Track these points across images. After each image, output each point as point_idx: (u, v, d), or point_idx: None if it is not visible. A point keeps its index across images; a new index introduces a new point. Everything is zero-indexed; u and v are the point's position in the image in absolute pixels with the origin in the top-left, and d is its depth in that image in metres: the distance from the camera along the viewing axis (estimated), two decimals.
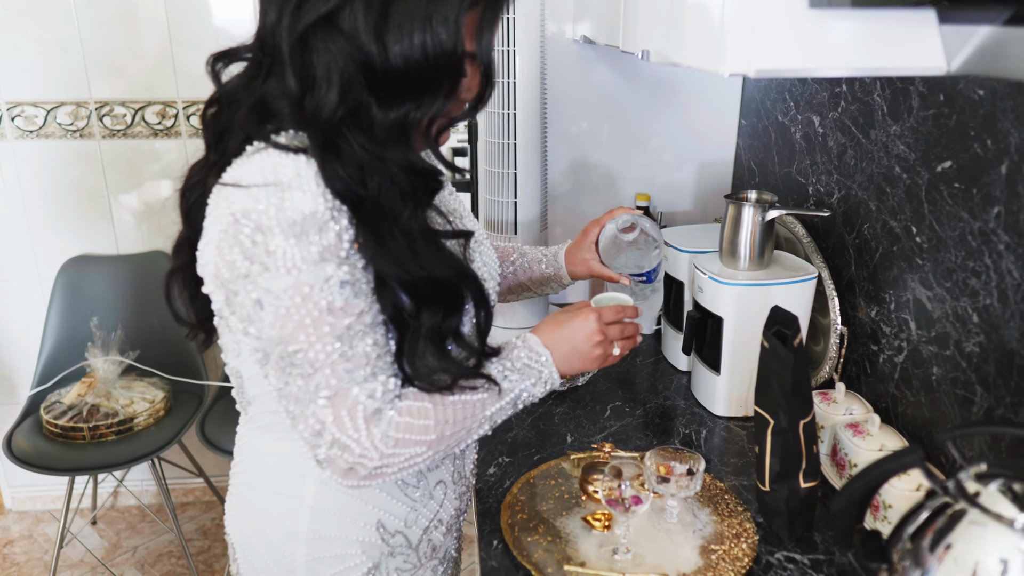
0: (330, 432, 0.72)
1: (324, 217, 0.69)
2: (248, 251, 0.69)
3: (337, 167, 0.70)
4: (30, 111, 2.12)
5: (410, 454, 0.75)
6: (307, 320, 0.70)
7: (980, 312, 0.95)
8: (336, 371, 0.71)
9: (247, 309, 0.72)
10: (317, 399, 0.71)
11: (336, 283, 0.70)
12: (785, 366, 0.92)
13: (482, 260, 0.92)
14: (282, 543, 0.85)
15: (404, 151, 0.73)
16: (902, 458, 0.73)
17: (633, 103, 1.78)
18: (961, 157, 0.98)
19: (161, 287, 0.89)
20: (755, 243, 1.24)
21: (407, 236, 0.73)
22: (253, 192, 0.69)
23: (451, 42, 0.70)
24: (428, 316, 0.75)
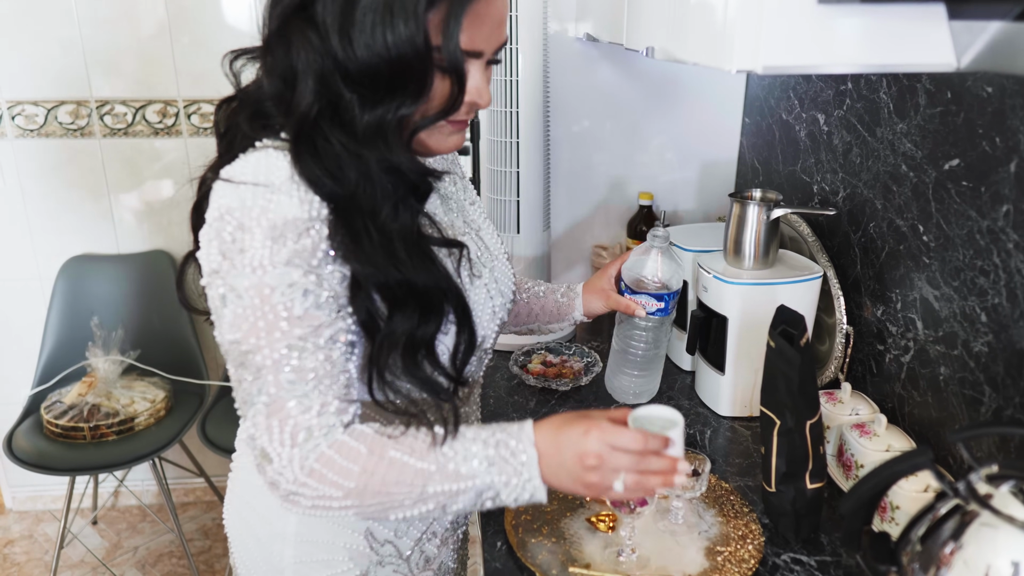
0: (260, 439, 0.70)
1: (305, 225, 0.69)
2: (226, 246, 0.69)
3: (311, 162, 0.69)
4: (31, 110, 2.12)
5: (322, 492, 0.71)
6: (261, 323, 0.69)
7: (989, 311, 0.94)
8: (278, 379, 0.69)
9: (215, 303, 0.72)
10: (256, 403, 0.70)
11: (299, 290, 0.69)
12: (792, 366, 0.91)
13: (492, 276, 0.90)
14: (270, 543, 0.85)
15: (383, 151, 0.71)
16: (912, 459, 0.72)
17: (636, 101, 1.77)
18: (969, 155, 0.97)
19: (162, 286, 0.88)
20: (760, 242, 1.23)
21: (384, 236, 0.72)
22: (241, 191, 0.69)
23: (411, 35, 0.67)
24: (400, 321, 0.73)
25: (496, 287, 0.91)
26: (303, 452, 0.70)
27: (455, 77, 0.71)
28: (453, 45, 0.69)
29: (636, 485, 0.73)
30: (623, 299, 1.14)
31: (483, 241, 0.93)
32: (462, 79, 0.71)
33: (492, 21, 0.72)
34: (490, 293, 0.89)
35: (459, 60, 0.70)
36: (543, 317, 1.18)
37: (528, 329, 1.20)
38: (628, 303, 1.13)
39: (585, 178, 1.83)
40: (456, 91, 0.72)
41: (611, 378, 1.27)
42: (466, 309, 0.78)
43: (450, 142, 0.78)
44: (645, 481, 0.73)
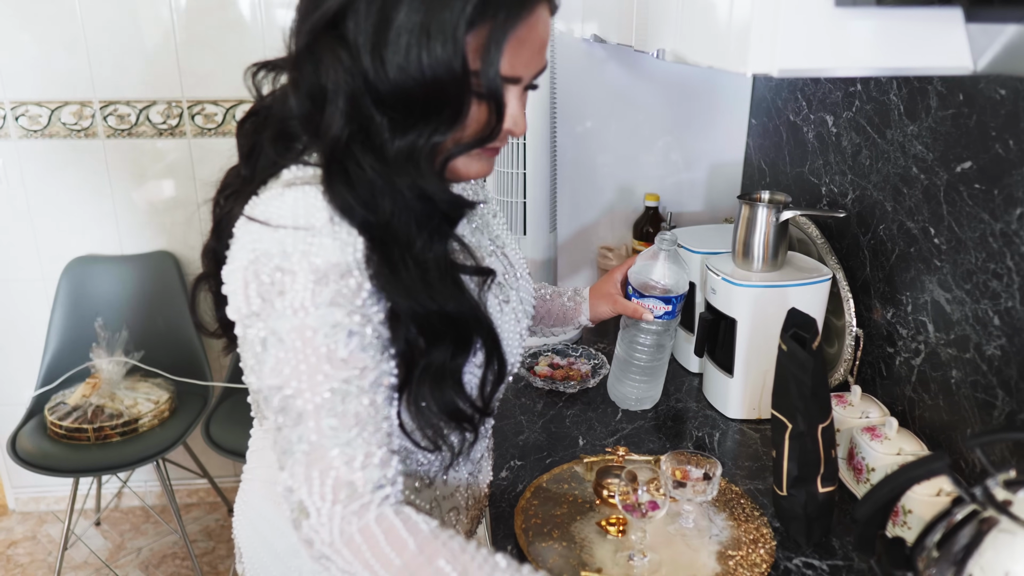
0: (299, 492, 0.66)
1: (350, 267, 0.66)
2: (264, 289, 0.66)
3: (343, 190, 0.66)
4: (34, 111, 2.11)
5: (353, 571, 0.65)
6: (303, 366, 0.65)
7: (1002, 315, 0.94)
8: (319, 426, 0.65)
9: (255, 347, 0.68)
10: (295, 452, 0.66)
11: (343, 331, 0.66)
12: (804, 370, 0.91)
13: (518, 297, 0.88)
14: (290, 558, 0.84)
15: (415, 177, 0.68)
16: (928, 465, 0.71)
17: (641, 102, 1.76)
18: (981, 157, 0.97)
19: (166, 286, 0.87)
20: (769, 244, 1.23)
21: (420, 266, 0.69)
22: (280, 235, 0.66)
23: (448, 58, 0.63)
24: (438, 353, 0.71)
25: (522, 308, 0.90)
26: (345, 513, 0.65)
27: (493, 104, 0.67)
28: (493, 72, 0.65)
29: None
30: (630, 303, 1.14)
31: (508, 259, 0.91)
32: (500, 107, 0.68)
33: (533, 47, 0.69)
34: (517, 316, 0.88)
35: (498, 87, 0.66)
36: (548, 321, 1.17)
37: (533, 332, 1.19)
38: (635, 307, 1.13)
39: (591, 179, 1.82)
40: (494, 119, 0.68)
41: (614, 385, 1.27)
42: (496, 340, 0.76)
43: (480, 168, 0.75)
44: None
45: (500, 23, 0.65)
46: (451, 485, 0.88)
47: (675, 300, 1.13)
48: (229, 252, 0.74)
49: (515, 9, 0.65)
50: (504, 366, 0.78)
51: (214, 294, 0.85)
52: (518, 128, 0.73)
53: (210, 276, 0.83)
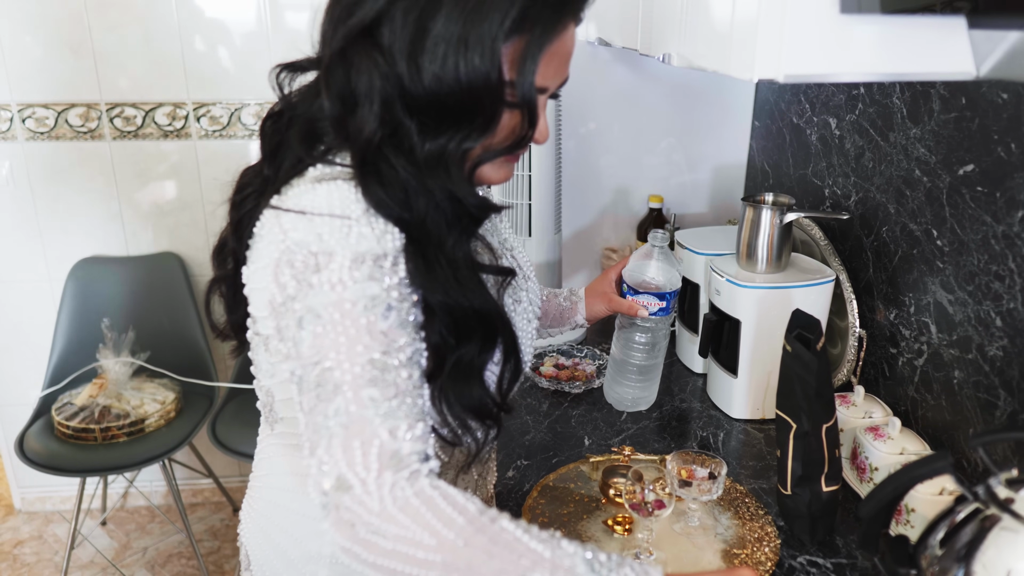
0: (337, 467, 0.63)
1: (387, 252, 0.67)
2: (299, 272, 0.67)
3: (378, 189, 0.68)
4: (41, 112, 2.12)
5: (411, 535, 0.61)
6: (342, 338, 0.65)
7: (1004, 316, 0.95)
8: (359, 396, 0.64)
9: (291, 331, 0.68)
10: (329, 426, 0.64)
11: (382, 305, 0.66)
12: (808, 370, 0.92)
13: (528, 298, 0.90)
14: (303, 564, 0.84)
15: (445, 180, 0.69)
16: (932, 464, 0.72)
17: (645, 104, 1.78)
18: (984, 160, 0.98)
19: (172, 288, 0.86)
20: (773, 246, 1.24)
21: (452, 264, 0.71)
22: (316, 222, 0.66)
23: (486, 69, 0.65)
24: (468, 348, 0.72)
25: (532, 308, 0.91)
26: (395, 479, 0.62)
27: (527, 113, 0.69)
28: (528, 83, 0.67)
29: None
30: (625, 301, 1.15)
31: (516, 261, 0.93)
32: (534, 116, 0.70)
33: (562, 59, 0.71)
34: (528, 316, 0.90)
35: (534, 97, 0.68)
36: (545, 321, 1.18)
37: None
38: (630, 304, 1.14)
39: (595, 181, 1.84)
40: (526, 127, 0.70)
41: (610, 387, 1.27)
42: (514, 338, 0.77)
43: (502, 174, 0.77)
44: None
45: (536, 37, 0.67)
46: (460, 487, 0.89)
47: (668, 296, 1.14)
48: (251, 252, 0.74)
49: (551, 24, 0.67)
50: (520, 363, 0.79)
51: (226, 297, 0.85)
52: (542, 136, 0.74)
53: (224, 279, 0.84)
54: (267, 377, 0.81)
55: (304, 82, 0.78)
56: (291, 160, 0.74)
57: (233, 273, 0.81)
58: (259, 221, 0.73)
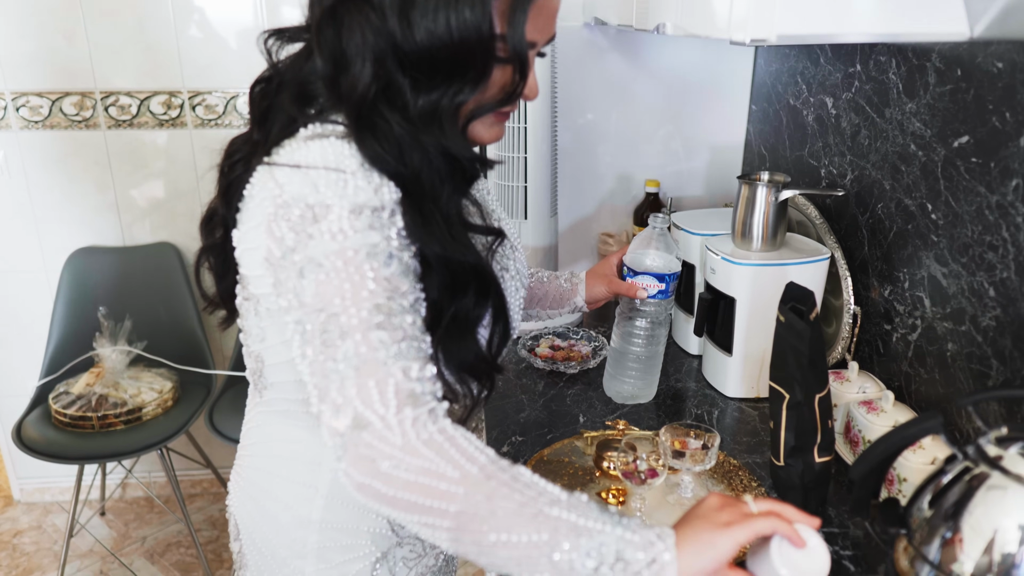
0: (352, 406, 0.63)
1: (384, 204, 0.68)
2: (296, 224, 0.67)
3: (374, 144, 0.68)
4: (35, 101, 2.12)
5: (435, 467, 0.62)
6: (347, 285, 0.65)
7: (997, 286, 0.95)
8: (368, 338, 0.64)
9: (292, 282, 0.68)
10: (339, 370, 0.64)
11: (383, 253, 0.66)
12: (802, 339, 0.92)
13: (515, 268, 0.91)
14: (294, 529, 0.84)
15: (438, 136, 0.70)
16: (923, 423, 0.72)
17: (642, 92, 1.78)
18: (979, 131, 0.98)
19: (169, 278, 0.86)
20: (768, 224, 1.24)
21: (447, 219, 0.72)
22: (312, 176, 0.67)
23: (477, 22, 0.66)
24: (463, 303, 0.73)
25: (519, 279, 0.92)
26: (416, 415, 0.63)
27: (519, 66, 0.70)
28: (519, 35, 0.68)
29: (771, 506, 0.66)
30: (624, 283, 1.15)
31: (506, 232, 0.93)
32: (525, 69, 0.71)
33: (549, 13, 0.73)
34: (515, 286, 0.90)
35: (524, 50, 0.69)
36: (545, 303, 1.18)
37: (529, 315, 1.20)
38: (630, 285, 1.14)
39: (591, 169, 1.83)
40: (518, 80, 0.71)
41: (609, 380, 1.27)
42: (503, 298, 0.78)
43: (493, 132, 0.78)
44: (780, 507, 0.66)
45: None
46: None
47: (668, 278, 1.14)
48: (242, 215, 0.74)
49: None
50: (509, 326, 0.80)
51: (215, 267, 0.85)
52: (532, 92, 0.76)
53: (212, 248, 0.84)
54: (256, 342, 0.81)
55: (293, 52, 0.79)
56: (282, 122, 0.74)
57: (222, 241, 0.81)
58: (249, 183, 0.73)
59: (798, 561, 0.64)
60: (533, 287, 1.18)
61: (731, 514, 0.64)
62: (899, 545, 0.75)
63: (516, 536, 0.61)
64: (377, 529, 0.84)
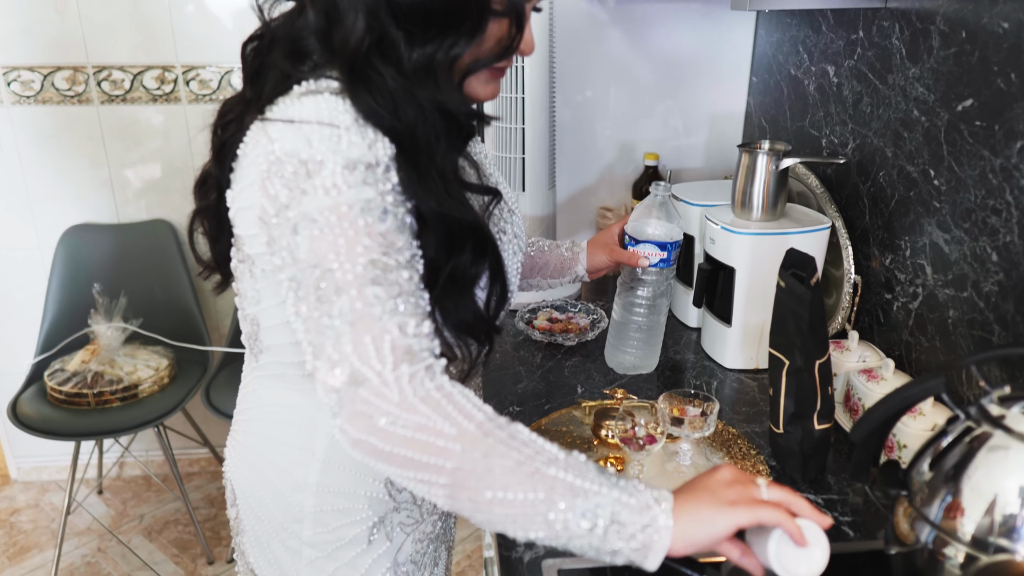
0: (348, 362, 0.62)
1: (379, 159, 0.67)
2: (289, 180, 0.66)
3: (368, 98, 0.67)
4: (27, 76, 2.09)
5: (432, 424, 0.61)
6: (341, 240, 0.64)
7: (1000, 250, 0.94)
8: (363, 294, 0.63)
9: (286, 239, 0.67)
10: (334, 326, 0.63)
11: (378, 208, 0.65)
12: (802, 304, 0.91)
13: (513, 232, 0.89)
14: (290, 493, 0.83)
15: (433, 90, 0.69)
16: (925, 383, 0.71)
17: (641, 68, 1.75)
18: (983, 94, 0.96)
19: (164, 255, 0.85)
20: (768, 193, 1.22)
21: (442, 176, 0.71)
22: (305, 130, 0.66)
23: None
24: (461, 260, 0.72)
25: (517, 243, 0.91)
26: (413, 371, 0.62)
27: (515, 19, 0.70)
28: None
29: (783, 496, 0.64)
30: (626, 251, 1.14)
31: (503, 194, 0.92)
32: (522, 22, 0.70)
33: None
34: (513, 249, 0.89)
35: (521, 2, 0.69)
36: (546, 271, 1.18)
37: (529, 284, 1.19)
38: (631, 254, 1.13)
39: (590, 147, 1.82)
40: (514, 33, 0.70)
41: (611, 352, 1.27)
42: (500, 258, 0.77)
43: (489, 89, 0.77)
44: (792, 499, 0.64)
45: None
46: None
47: (670, 247, 1.13)
48: (235, 174, 0.73)
49: None
50: (506, 287, 0.79)
51: (209, 229, 0.84)
52: (528, 47, 0.75)
53: (206, 210, 0.83)
54: (252, 305, 0.80)
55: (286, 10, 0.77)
56: (275, 79, 0.73)
57: (216, 203, 0.80)
58: (243, 142, 0.72)
59: (794, 559, 0.62)
60: (534, 256, 1.17)
61: (739, 493, 0.63)
62: (899, 508, 0.75)
63: (512, 494, 0.60)
64: (374, 493, 0.83)
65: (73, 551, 2.16)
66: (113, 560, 2.14)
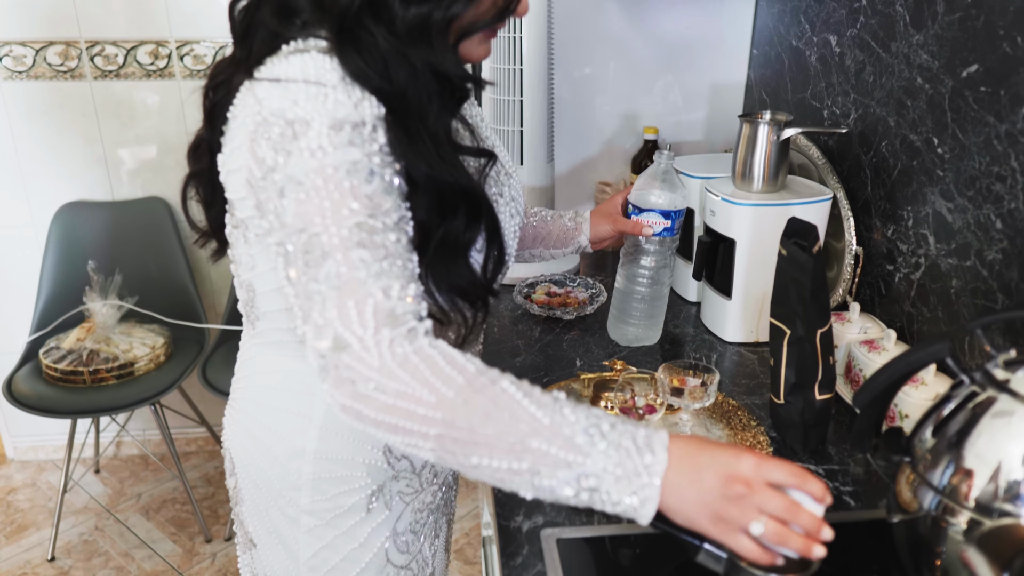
0: (332, 327, 0.62)
1: (365, 119, 0.65)
2: (276, 142, 0.65)
3: (357, 59, 0.66)
4: (19, 50, 2.06)
5: (411, 391, 0.60)
6: (327, 203, 0.63)
7: (1004, 217, 0.93)
8: (348, 257, 0.62)
9: (273, 203, 0.66)
10: (320, 291, 0.63)
11: (364, 169, 0.64)
12: (804, 271, 0.90)
13: (510, 195, 0.88)
14: (288, 460, 0.83)
15: (427, 52, 0.68)
16: (930, 347, 0.70)
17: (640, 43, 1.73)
18: (989, 59, 0.94)
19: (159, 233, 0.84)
20: (769, 164, 1.21)
21: (434, 139, 0.69)
22: (291, 89, 0.65)
23: None
24: (454, 225, 0.71)
25: (515, 206, 0.90)
26: (394, 336, 0.61)
27: None
28: None
29: (776, 536, 0.60)
30: (630, 221, 1.14)
31: (499, 157, 0.91)
32: None
33: None
34: (510, 211, 0.89)
35: None
36: (549, 241, 1.17)
37: (531, 255, 1.19)
38: (635, 223, 1.13)
39: (589, 122, 1.80)
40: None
41: (614, 323, 1.26)
42: (496, 222, 0.76)
43: (482, 50, 0.76)
44: (787, 536, 0.60)
45: None
46: None
47: (674, 216, 1.12)
48: (226, 137, 0.73)
49: None
50: (504, 250, 0.78)
51: (203, 194, 0.83)
52: (524, 7, 0.74)
53: (199, 174, 0.82)
54: (247, 271, 0.79)
55: None
56: (263, 38, 0.72)
57: (208, 167, 0.78)
58: (233, 104, 0.71)
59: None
60: (536, 226, 1.16)
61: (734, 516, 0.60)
62: (902, 476, 0.74)
63: (497, 462, 0.61)
64: (372, 461, 0.83)
65: (71, 529, 2.16)
66: (111, 538, 2.14)
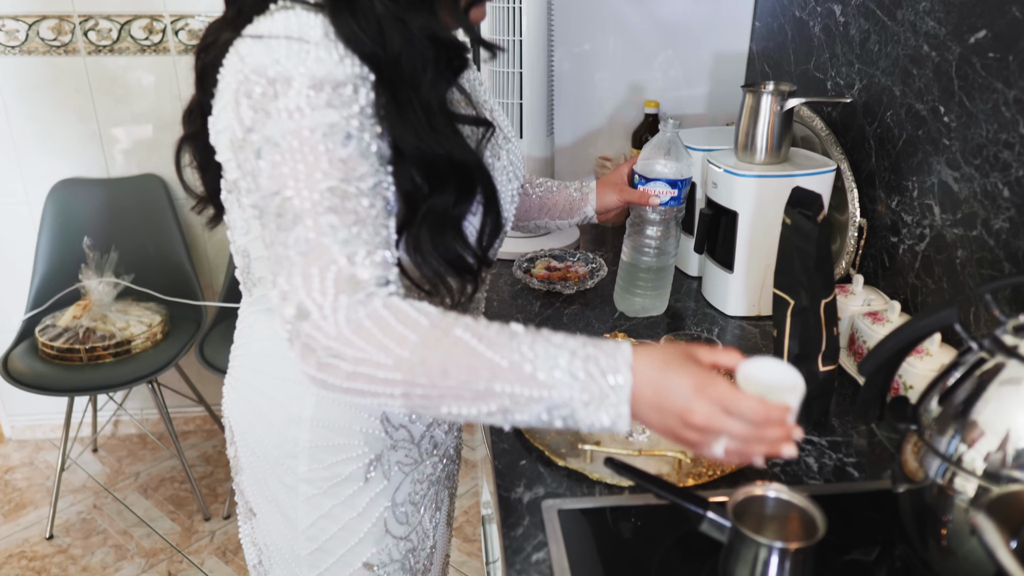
0: (296, 295, 0.61)
1: (347, 78, 0.64)
2: (256, 101, 0.64)
3: (351, 21, 0.64)
4: (11, 25, 2.03)
5: (368, 356, 0.60)
6: (301, 166, 0.62)
7: (1011, 185, 0.91)
8: (318, 223, 0.61)
9: (250, 164, 0.66)
10: (290, 256, 0.62)
11: (341, 132, 0.63)
12: (809, 241, 0.88)
13: (508, 159, 0.87)
14: (285, 427, 0.82)
15: (428, 19, 0.66)
16: (937, 313, 0.69)
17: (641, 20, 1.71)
18: (997, 24, 0.93)
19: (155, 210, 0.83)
20: (772, 135, 1.19)
21: (426, 109, 0.68)
22: (273, 46, 0.63)
23: None
24: (439, 197, 0.70)
25: (513, 170, 0.89)
26: (350, 303, 0.61)
27: None
28: None
29: (739, 452, 0.62)
30: (636, 190, 1.14)
31: (497, 123, 0.89)
32: None
33: None
34: (508, 176, 0.87)
35: None
36: (555, 212, 1.16)
37: (536, 225, 1.18)
38: (642, 192, 1.13)
39: (589, 98, 1.77)
40: None
41: (620, 294, 1.26)
42: (494, 190, 0.75)
43: (478, 12, 0.75)
44: (750, 449, 0.61)
45: None
46: None
47: (680, 184, 1.12)
48: (216, 99, 0.71)
49: None
50: (500, 217, 0.76)
51: (198, 158, 0.82)
52: None
53: (193, 137, 0.80)
54: (241, 235, 0.78)
55: None
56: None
57: (202, 129, 0.77)
58: (222, 65, 0.70)
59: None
60: (542, 196, 1.16)
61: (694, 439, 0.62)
62: (907, 445, 0.73)
63: (467, 409, 0.62)
64: (369, 430, 0.82)
65: (69, 508, 2.16)
66: (109, 516, 2.14)
